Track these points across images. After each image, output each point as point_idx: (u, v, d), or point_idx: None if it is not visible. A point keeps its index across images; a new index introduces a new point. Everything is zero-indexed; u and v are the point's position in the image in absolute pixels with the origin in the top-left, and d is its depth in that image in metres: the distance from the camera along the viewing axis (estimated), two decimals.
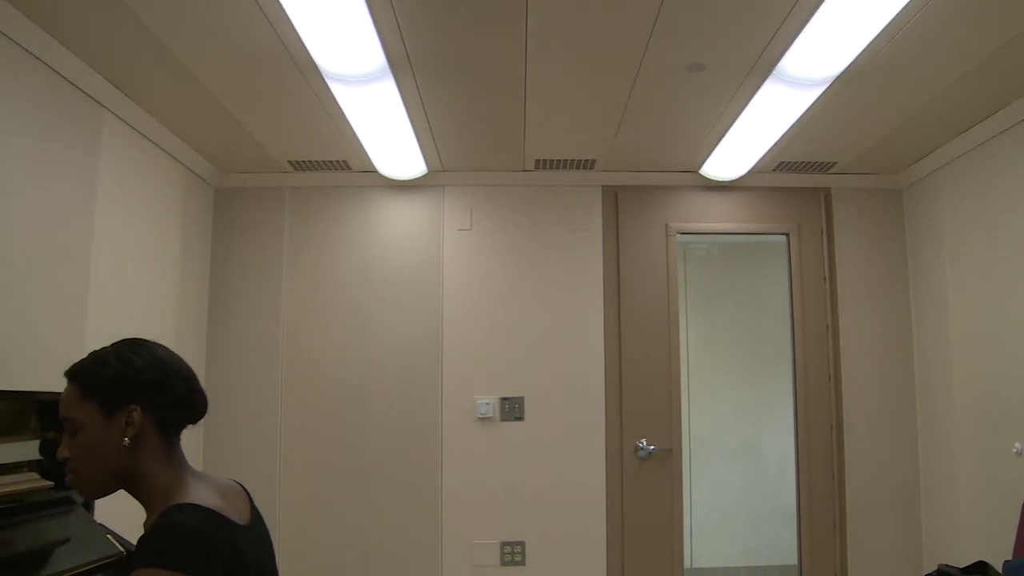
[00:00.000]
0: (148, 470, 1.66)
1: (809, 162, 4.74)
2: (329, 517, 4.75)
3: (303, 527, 4.72)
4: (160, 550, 1.48)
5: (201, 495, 1.63)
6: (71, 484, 1.67)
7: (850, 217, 4.98)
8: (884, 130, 4.23)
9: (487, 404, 4.78)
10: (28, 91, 3.12)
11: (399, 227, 4.95)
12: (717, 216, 5.01)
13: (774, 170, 4.88)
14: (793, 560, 4.82)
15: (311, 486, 4.77)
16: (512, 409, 4.79)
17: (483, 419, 4.77)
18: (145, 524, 1.62)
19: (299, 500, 4.75)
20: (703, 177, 4.94)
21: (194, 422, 1.77)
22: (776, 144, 4.37)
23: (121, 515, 2.65)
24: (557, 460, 4.77)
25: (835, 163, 4.76)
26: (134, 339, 1.76)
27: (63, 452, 1.66)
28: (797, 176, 4.96)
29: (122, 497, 1.73)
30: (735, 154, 4.54)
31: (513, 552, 4.71)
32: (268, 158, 4.67)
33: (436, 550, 4.72)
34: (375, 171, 4.81)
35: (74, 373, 1.69)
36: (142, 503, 1.68)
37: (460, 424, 4.79)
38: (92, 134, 3.61)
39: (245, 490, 1.86)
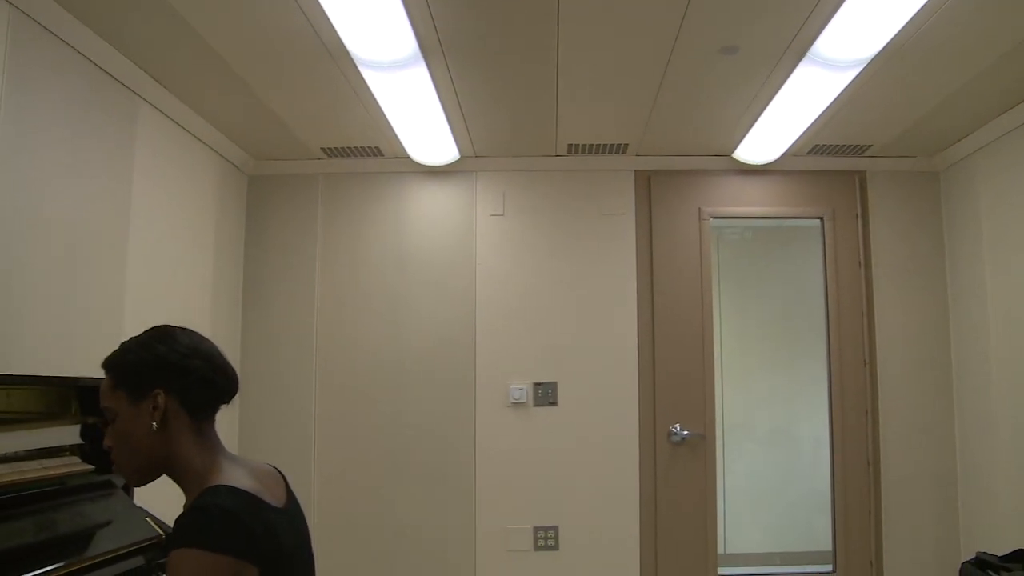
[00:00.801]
0: (182, 454, 1.70)
1: (844, 145, 4.69)
2: (363, 502, 4.78)
3: (337, 512, 4.76)
4: (194, 530, 1.51)
5: (236, 477, 1.66)
6: (116, 471, 1.72)
7: (886, 200, 4.92)
8: (921, 111, 4.17)
9: (520, 389, 4.78)
10: (65, 81, 3.16)
11: (432, 213, 4.96)
12: (751, 200, 4.97)
13: (808, 153, 4.84)
14: (827, 546, 4.79)
15: (345, 471, 4.80)
16: (546, 394, 4.79)
17: (517, 404, 4.78)
18: (184, 507, 1.64)
19: (333, 485, 4.78)
20: (736, 161, 4.91)
21: (224, 402, 1.80)
22: (810, 127, 4.33)
23: (160, 499, 2.69)
24: (590, 445, 4.77)
25: (870, 146, 4.70)
26: (159, 327, 1.81)
27: (107, 442, 1.72)
28: (832, 159, 4.91)
29: (161, 481, 1.76)
30: (769, 137, 4.50)
31: (546, 537, 4.72)
32: (301, 145, 4.69)
33: (470, 535, 4.74)
34: (407, 157, 4.82)
35: (106, 364, 1.75)
36: (181, 487, 1.72)
37: (494, 409, 4.80)
38: (128, 123, 3.64)
39: (281, 474, 1.88)
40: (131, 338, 1.78)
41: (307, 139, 4.60)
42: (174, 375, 1.71)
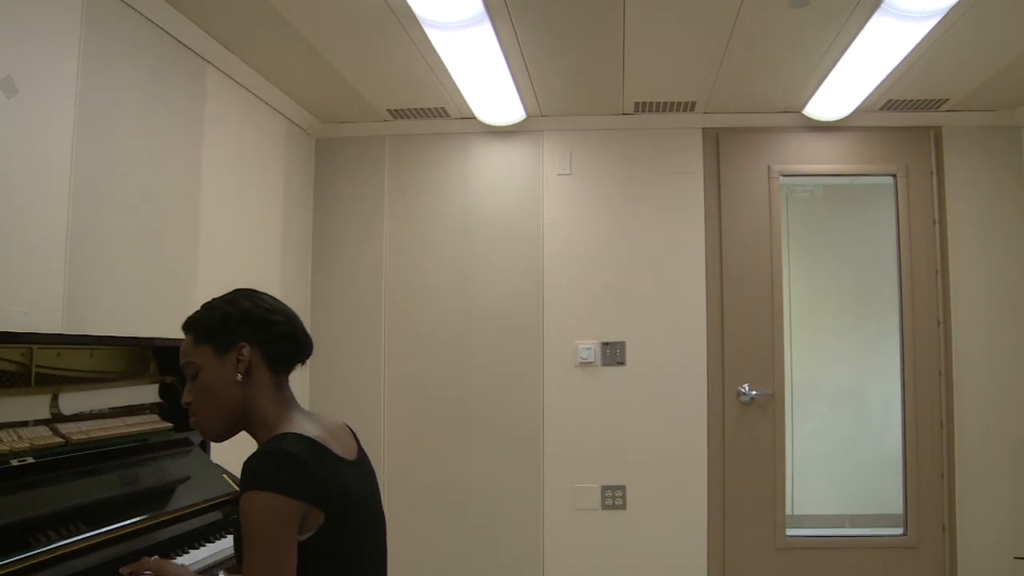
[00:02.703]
0: (259, 406, 1.76)
1: (919, 100, 4.57)
2: (432, 461, 4.84)
3: (406, 470, 4.83)
4: (260, 473, 1.57)
5: (305, 427, 1.72)
6: (195, 427, 1.80)
7: (962, 157, 4.78)
8: (1001, 63, 4.03)
9: (588, 349, 4.78)
10: (137, 48, 3.22)
11: (498, 173, 4.96)
12: (821, 157, 4.88)
13: (881, 109, 4.72)
14: (898, 509, 4.73)
15: (414, 430, 4.87)
16: (614, 354, 4.78)
17: (584, 364, 4.79)
18: None
19: (402, 444, 4.85)
20: (807, 117, 4.81)
21: (301, 360, 1.87)
22: (884, 81, 4.22)
23: (236, 456, 2.77)
24: (659, 405, 4.76)
25: (947, 100, 4.57)
26: (240, 288, 1.89)
27: (186, 398, 1.79)
28: (906, 115, 4.78)
29: (238, 439, 1.82)
30: (840, 93, 4.40)
31: (614, 496, 4.74)
32: (367, 107, 4.71)
33: (537, 494, 4.78)
34: (473, 117, 4.82)
35: (188, 323, 1.82)
36: (255, 439, 1.78)
37: (561, 369, 4.81)
38: (197, 88, 3.70)
39: (352, 431, 1.93)
40: (214, 298, 1.85)
41: (373, 101, 4.61)
42: (258, 329, 1.78)
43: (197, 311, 1.83)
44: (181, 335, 1.83)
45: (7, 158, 2.53)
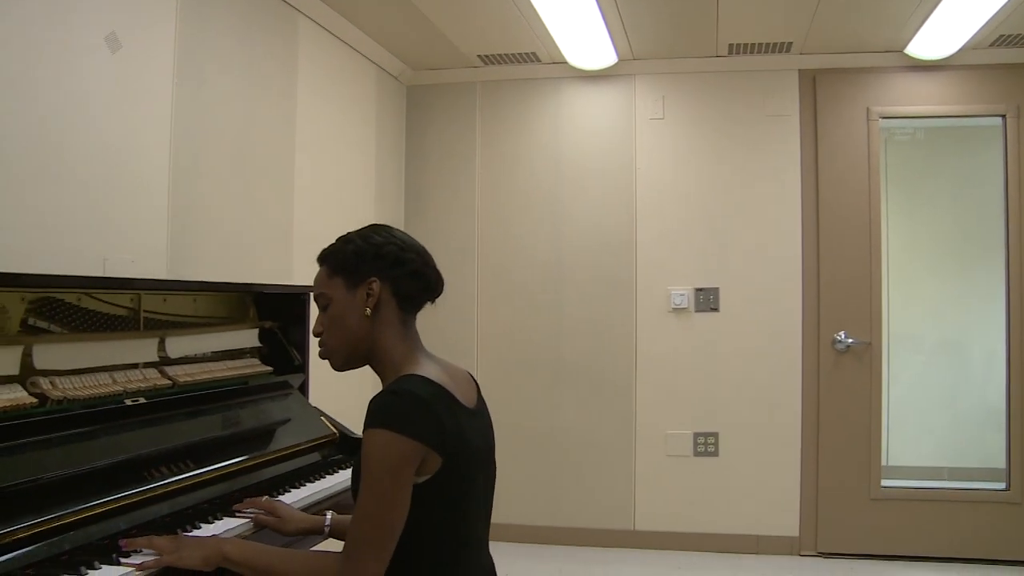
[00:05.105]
0: (386, 343, 1.79)
1: None
2: (524, 407, 4.89)
3: (499, 415, 4.84)
4: (386, 412, 1.59)
5: (430, 371, 1.74)
6: (323, 356, 1.83)
7: None
8: None
9: (681, 295, 4.75)
10: (232, 2, 3.27)
11: (590, 118, 4.92)
12: (924, 98, 4.71)
13: (991, 45, 4.49)
14: (1000, 464, 4.60)
15: (507, 377, 4.91)
16: (707, 300, 4.74)
17: (677, 310, 4.76)
18: None
19: (495, 391, 4.86)
20: (909, 56, 4.63)
21: (431, 299, 1.89)
22: (996, 15, 4.00)
23: (334, 399, 2.83)
24: (752, 351, 4.71)
25: None
26: (376, 223, 1.90)
27: (317, 328, 1.83)
28: (1018, 51, 4.55)
29: (333, 383, 1.86)
30: (947, 29, 4.21)
31: (706, 443, 4.73)
32: (458, 53, 4.70)
33: (629, 440, 4.79)
34: (564, 62, 4.77)
35: (323, 255, 1.84)
36: (379, 375, 1.81)
37: (654, 315, 4.79)
38: (290, 38, 3.75)
39: (474, 380, 1.95)
40: (350, 232, 1.87)
41: (464, 47, 4.60)
42: (389, 265, 1.79)
43: (333, 243, 1.85)
44: (278, 281, 1.87)
45: (113, 112, 2.62)
